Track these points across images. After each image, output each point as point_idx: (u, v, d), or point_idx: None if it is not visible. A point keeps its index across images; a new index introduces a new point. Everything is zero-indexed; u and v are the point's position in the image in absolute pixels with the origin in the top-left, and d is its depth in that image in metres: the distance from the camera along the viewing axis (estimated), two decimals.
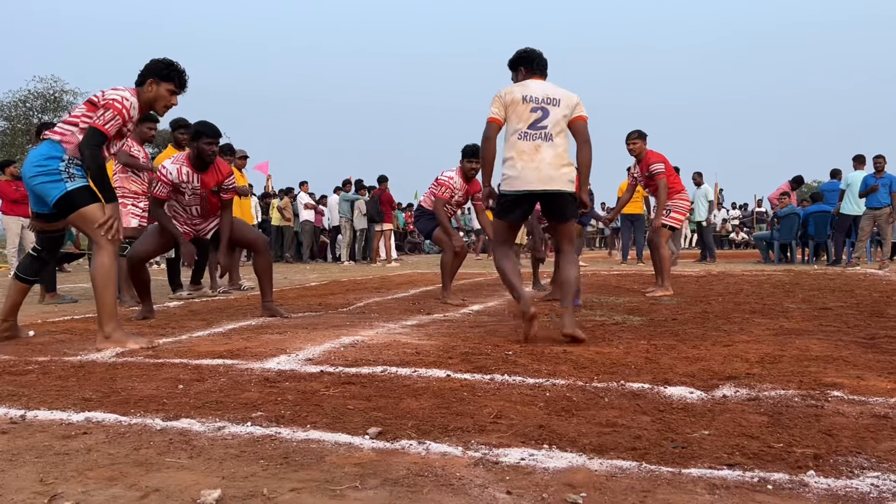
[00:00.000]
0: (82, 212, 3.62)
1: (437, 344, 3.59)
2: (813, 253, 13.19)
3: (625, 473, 1.70)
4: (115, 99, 3.67)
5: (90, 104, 3.71)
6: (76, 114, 3.72)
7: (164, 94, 3.86)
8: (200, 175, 5.00)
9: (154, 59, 3.90)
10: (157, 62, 3.88)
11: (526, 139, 3.60)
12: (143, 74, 3.85)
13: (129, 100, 3.70)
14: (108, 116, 3.63)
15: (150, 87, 3.83)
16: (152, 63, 3.88)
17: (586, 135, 3.74)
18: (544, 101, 3.66)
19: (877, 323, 4.28)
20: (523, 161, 3.58)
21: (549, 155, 3.58)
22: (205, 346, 3.62)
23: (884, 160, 10.94)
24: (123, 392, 2.60)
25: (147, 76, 3.84)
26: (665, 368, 2.93)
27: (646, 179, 6.58)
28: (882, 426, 2.06)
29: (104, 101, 3.66)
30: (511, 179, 3.61)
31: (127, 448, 1.94)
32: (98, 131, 3.60)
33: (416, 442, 1.95)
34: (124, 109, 3.67)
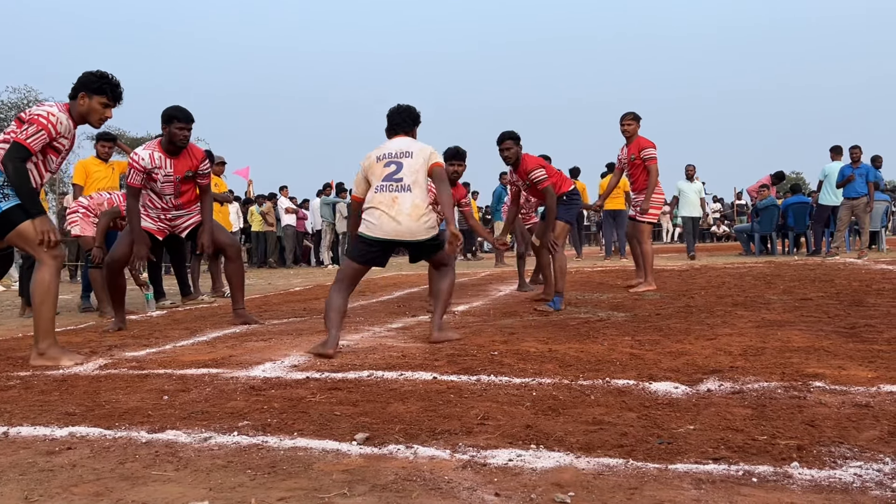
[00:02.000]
0: (19, 230, 3.58)
1: (422, 346, 3.59)
2: (793, 244, 13.34)
3: (612, 471, 1.71)
4: (40, 114, 3.62)
5: (18, 120, 3.66)
6: (7, 130, 3.66)
7: (97, 107, 3.79)
8: (172, 160, 4.92)
9: (86, 72, 3.82)
10: (89, 75, 3.81)
11: (382, 191, 3.74)
12: (76, 88, 3.78)
13: (55, 115, 3.63)
14: (32, 131, 3.57)
15: (83, 101, 3.77)
16: (84, 76, 3.81)
17: (442, 177, 3.87)
18: (398, 156, 3.82)
19: (857, 312, 4.33)
20: (380, 211, 3.70)
21: (407, 206, 3.69)
22: (189, 356, 3.59)
23: (859, 150, 11.08)
24: (107, 405, 2.58)
25: (79, 89, 3.77)
26: (650, 364, 2.95)
27: (631, 163, 6.59)
28: (864, 415, 2.09)
29: (29, 117, 3.62)
30: (371, 226, 3.71)
31: (112, 462, 1.92)
32: (20, 145, 3.55)
33: (404, 446, 1.95)
34: (49, 125, 3.60)
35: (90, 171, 6.76)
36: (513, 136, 5.49)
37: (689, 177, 12.70)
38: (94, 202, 6.17)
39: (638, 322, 4.26)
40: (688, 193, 12.55)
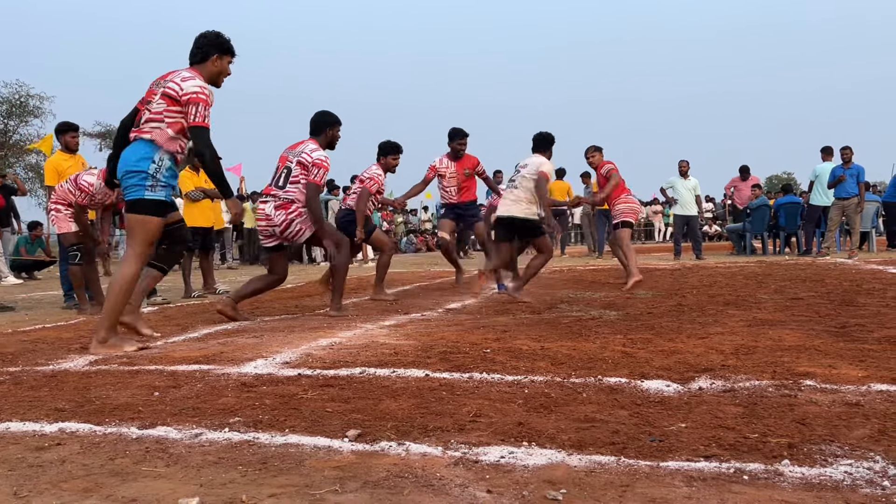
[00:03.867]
0: (145, 220, 3.70)
1: (415, 344, 3.59)
2: (784, 244, 13.40)
3: (604, 468, 1.71)
4: (197, 91, 3.69)
5: (170, 99, 3.69)
6: (157, 109, 3.70)
7: (226, 66, 3.96)
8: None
9: (210, 34, 3.92)
10: (214, 36, 3.92)
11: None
12: (205, 50, 3.88)
13: (206, 87, 3.77)
14: (202, 110, 3.70)
15: (217, 62, 3.90)
16: (211, 37, 3.90)
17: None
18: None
19: (847, 312, 4.35)
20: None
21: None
22: (180, 352, 3.58)
23: (850, 151, 11.14)
24: (98, 401, 2.57)
25: (210, 51, 3.88)
26: (642, 362, 2.96)
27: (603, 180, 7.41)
28: (854, 414, 2.10)
29: (188, 96, 3.68)
30: None
31: (102, 458, 1.91)
32: (206, 129, 3.72)
33: (396, 443, 1.95)
34: (208, 97, 3.74)
35: (61, 168, 6.50)
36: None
37: (683, 173, 12.08)
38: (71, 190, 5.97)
39: (630, 321, 4.27)
40: (681, 191, 12.17)
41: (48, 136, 13.19)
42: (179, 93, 3.69)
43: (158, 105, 3.70)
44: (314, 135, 5.10)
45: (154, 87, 3.80)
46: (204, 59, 3.88)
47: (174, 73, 3.80)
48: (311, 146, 5.00)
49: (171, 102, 3.70)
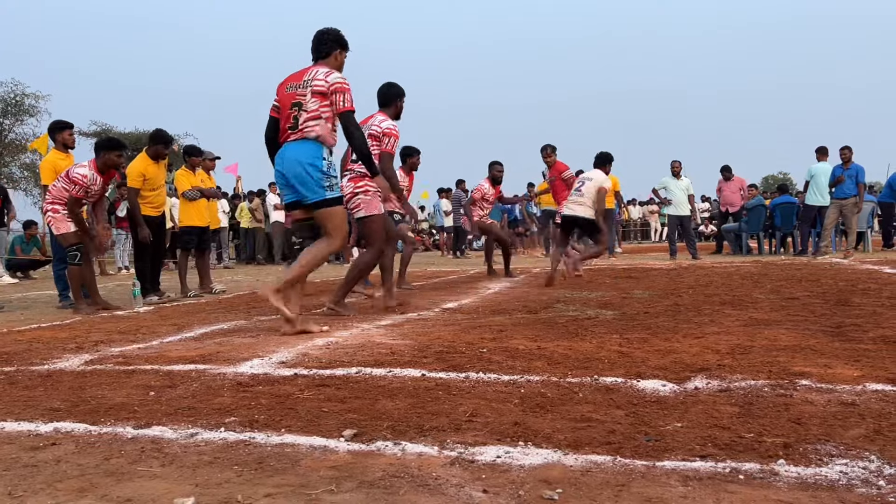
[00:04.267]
0: (334, 212, 4.11)
1: (411, 343, 3.59)
2: (780, 244, 13.43)
3: (600, 468, 1.71)
4: (341, 81, 4.08)
5: (321, 95, 4.04)
6: (314, 107, 4.02)
7: (343, 60, 4.28)
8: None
9: (331, 31, 4.26)
10: (336, 33, 4.24)
11: None
12: (329, 46, 4.21)
13: (345, 78, 4.11)
14: (349, 97, 4.06)
15: (338, 58, 4.25)
16: (334, 34, 4.25)
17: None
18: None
19: (843, 312, 4.36)
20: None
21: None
22: (176, 352, 3.57)
23: (850, 151, 11.16)
24: (93, 401, 2.56)
25: (334, 47, 4.22)
26: (638, 362, 2.96)
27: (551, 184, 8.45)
28: (849, 413, 2.10)
29: (334, 87, 4.05)
30: None
31: (97, 458, 1.91)
32: (354, 112, 4.12)
33: (392, 443, 1.95)
34: (349, 86, 4.11)
35: (59, 167, 6.48)
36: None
37: (675, 173, 12.18)
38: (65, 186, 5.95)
39: (626, 320, 4.27)
40: (674, 191, 12.13)
41: (44, 135, 13.14)
42: (326, 86, 4.04)
43: (313, 103, 4.03)
44: (383, 107, 5.26)
45: (292, 90, 4.11)
46: (328, 54, 4.22)
47: (311, 71, 4.12)
48: (379, 118, 5.16)
49: (322, 98, 4.04)
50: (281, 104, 4.16)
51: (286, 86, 4.16)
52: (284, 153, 4.08)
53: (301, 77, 4.11)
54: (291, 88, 4.12)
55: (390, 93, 5.26)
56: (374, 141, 5.04)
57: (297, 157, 4.02)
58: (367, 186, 5.04)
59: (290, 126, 4.06)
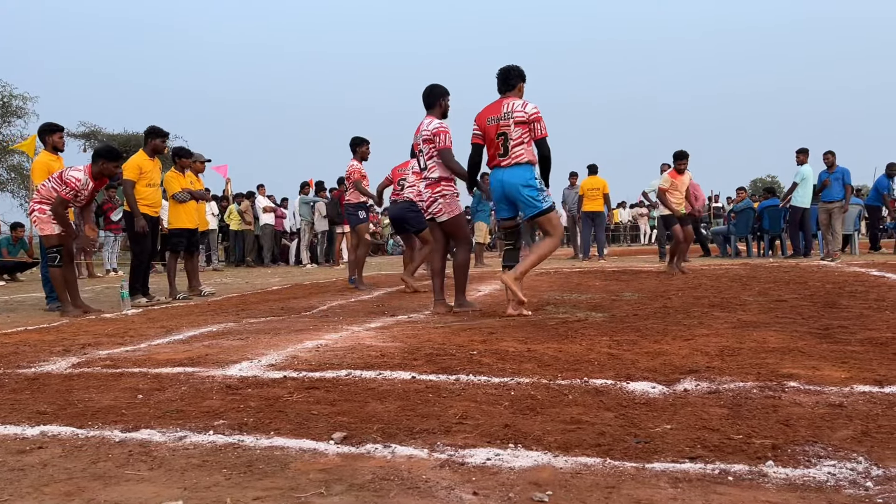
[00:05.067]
0: (546, 218, 4.91)
1: (401, 346, 3.58)
2: (768, 246, 13.51)
3: (590, 470, 1.71)
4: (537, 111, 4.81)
5: (523, 124, 4.75)
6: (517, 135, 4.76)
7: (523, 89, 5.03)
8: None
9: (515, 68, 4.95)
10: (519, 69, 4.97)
11: None
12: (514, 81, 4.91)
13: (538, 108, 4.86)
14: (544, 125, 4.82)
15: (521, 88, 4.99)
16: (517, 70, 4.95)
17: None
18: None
19: (830, 314, 4.39)
20: None
21: None
22: (164, 355, 3.55)
23: (833, 156, 11.26)
24: (80, 404, 2.54)
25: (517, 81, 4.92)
26: (627, 364, 2.97)
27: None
28: (837, 415, 2.11)
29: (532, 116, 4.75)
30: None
31: (84, 462, 1.89)
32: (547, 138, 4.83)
33: (382, 445, 1.94)
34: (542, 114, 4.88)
35: (52, 168, 6.45)
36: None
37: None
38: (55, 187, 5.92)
39: (616, 322, 4.28)
40: None
41: (31, 136, 13.04)
42: (526, 116, 4.74)
43: (516, 132, 4.76)
44: (429, 109, 5.38)
45: (494, 122, 4.83)
46: (513, 87, 4.91)
47: (506, 103, 4.81)
48: (426, 122, 5.28)
49: (523, 126, 4.75)
50: (485, 134, 4.91)
51: (487, 118, 4.89)
52: (503, 178, 4.86)
53: (499, 109, 4.83)
54: (493, 121, 4.85)
55: (434, 94, 5.38)
56: (428, 145, 5.19)
57: (515, 180, 4.80)
58: (443, 190, 5.22)
59: (500, 153, 4.82)
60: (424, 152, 5.23)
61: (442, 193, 5.21)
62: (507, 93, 4.94)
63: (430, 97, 5.38)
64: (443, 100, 5.37)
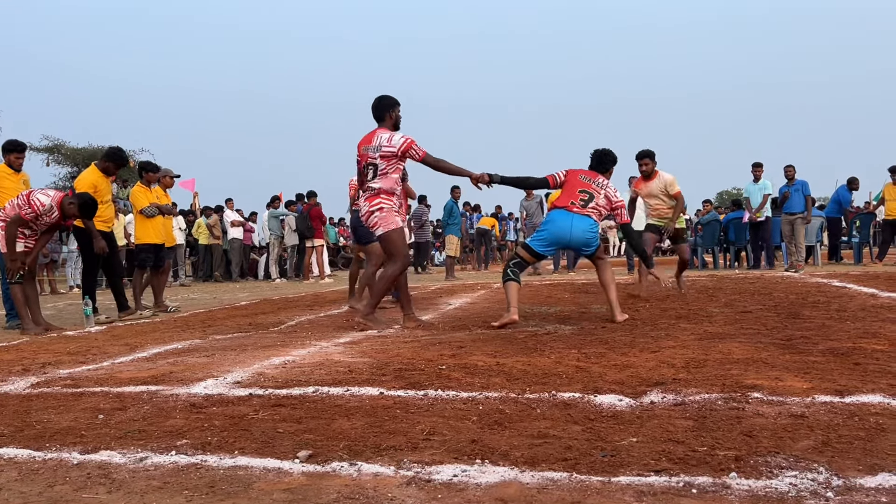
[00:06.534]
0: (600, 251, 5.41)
1: (370, 361, 3.56)
2: (734, 258, 13.73)
3: (556, 485, 1.71)
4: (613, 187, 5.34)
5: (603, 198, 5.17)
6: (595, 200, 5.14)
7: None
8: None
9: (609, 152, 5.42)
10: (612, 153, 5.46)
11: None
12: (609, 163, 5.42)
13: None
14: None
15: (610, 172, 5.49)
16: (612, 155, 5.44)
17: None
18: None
19: (793, 324, 4.46)
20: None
21: None
22: (127, 373, 3.48)
23: (793, 169, 11.51)
24: (38, 425, 2.48)
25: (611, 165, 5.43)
26: (595, 377, 2.98)
27: None
28: (799, 425, 2.14)
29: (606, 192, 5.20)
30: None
31: (41, 485, 1.84)
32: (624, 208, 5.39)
33: (348, 463, 1.92)
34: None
35: (4, 183, 6.41)
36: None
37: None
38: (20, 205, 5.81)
39: (584, 335, 4.30)
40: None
41: None
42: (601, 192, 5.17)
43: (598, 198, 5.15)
44: (379, 122, 5.16)
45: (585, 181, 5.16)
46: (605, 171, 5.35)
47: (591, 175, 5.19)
48: (384, 136, 5.04)
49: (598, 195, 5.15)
50: (573, 185, 5.18)
51: (578, 175, 5.21)
52: (573, 223, 5.07)
53: (590, 175, 5.22)
54: (584, 179, 5.18)
55: (382, 105, 5.16)
56: (387, 161, 4.99)
57: (586, 228, 5.08)
58: (381, 203, 5.04)
59: (581, 204, 5.10)
60: (380, 167, 5.00)
61: (379, 207, 5.02)
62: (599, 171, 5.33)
63: (379, 109, 5.16)
64: (392, 111, 5.16)
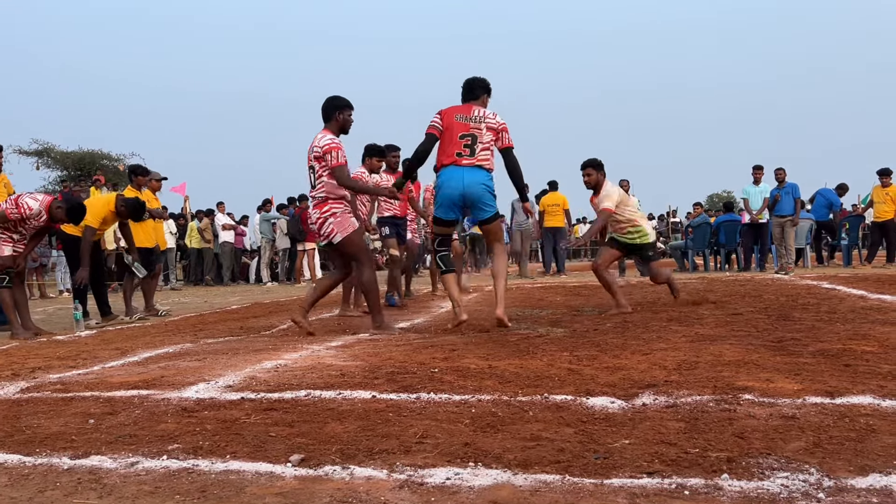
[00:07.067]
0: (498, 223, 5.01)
1: (362, 364, 3.55)
2: (724, 260, 13.80)
3: (549, 487, 1.71)
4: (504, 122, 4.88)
5: (492, 131, 4.78)
6: (487, 140, 4.74)
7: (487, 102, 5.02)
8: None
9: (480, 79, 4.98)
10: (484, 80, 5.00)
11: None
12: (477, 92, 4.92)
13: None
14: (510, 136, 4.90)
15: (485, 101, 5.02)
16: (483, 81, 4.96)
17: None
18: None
19: (784, 326, 4.49)
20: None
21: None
22: (118, 377, 3.46)
23: (784, 172, 11.60)
24: (28, 430, 2.46)
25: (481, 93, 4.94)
26: (587, 379, 2.99)
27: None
28: (790, 427, 2.15)
29: (502, 126, 4.81)
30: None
31: (31, 491, 1.83)
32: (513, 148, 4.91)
33: (340, 467, 1.92)
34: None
35: None
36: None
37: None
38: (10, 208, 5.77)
39: (576, 337, 4.31)
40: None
41: None
42: (497, 125, 4.79)
43: (487, 136, 4.74)
44: (326, 122, 5.05)
45: (463, 121, 4.73)
46: (478, 97, 4.90)
47: (476, 109, 4.80)
48: (318, 137, 4.96)
49: (494, 133, 4.77)
50: (450, 129, 4.74)
51: (455, 115, 4.76)
52: (464, 176, 4.69)
53: (470, 111, 4.78)
54: (461, 119, 4.74)
55: (330, 106, 5.01)
56: (320, 164, 4.89)
57: (481, 180, 4.72)
58: (332, 208, 4.95)
59: (468, 153, 4.72)
60: (316, 170, 4.93)
61: (332, 212, 4.92)
62: (471, 101, 4.92)
63: (326, 110, 5.01)
64: (340, 114, 4.98)
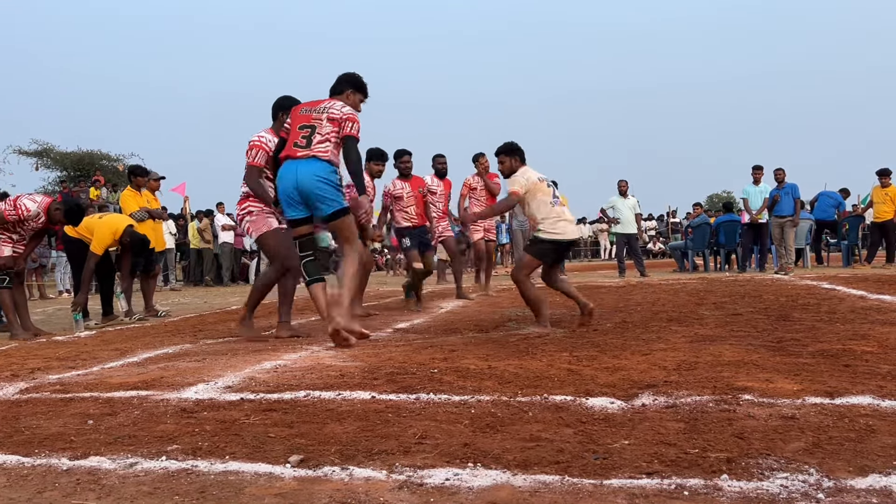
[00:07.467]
0: (348, 220, 4.41)
1: (361, 365, 3.55)
2: (724, 260, 13.80)
3: (548, 488, 1.71)
4: (352, 113, 4.41)
5: (334, 121, 4.34)
6: (326, 132, 4.33)
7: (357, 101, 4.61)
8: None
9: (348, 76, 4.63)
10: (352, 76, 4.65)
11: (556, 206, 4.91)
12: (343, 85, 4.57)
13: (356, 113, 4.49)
14: (358, 127, 4.38)
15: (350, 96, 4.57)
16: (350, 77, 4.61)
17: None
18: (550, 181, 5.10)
19: (783, 326, 4.49)
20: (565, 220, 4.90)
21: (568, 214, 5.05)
22: (117, 378, 3.46)
23: (783, 172, 11.61)
24: (27, 431, 2.46)
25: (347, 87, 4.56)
26: (587, 379, 2.98)
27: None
28: (790, 427, 2.15)
29: (345, 116, 4.35)
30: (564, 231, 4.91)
31: (29, 492, 1.83)
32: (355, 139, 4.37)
33: (340, 468, 1.91)
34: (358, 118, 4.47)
35: None
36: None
37: (622, 192, 12.31)
38: (8, 209, 5.78)
39: (576, 338, 4.31)
40: (621, 209, 12.22)
41: None
42: (340, 115, 4.36)
43: (326, 127, 4.34)
44: (273, 121, 4.98)
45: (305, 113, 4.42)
46: (341, 92, 4.58)
47: (328, 101, 4.47)
48: (256, 133, 4.87)
49: (334, 125, 4.35)
50: (294, 122, 4.44)
51: (301, 108, 4.50)
52: (298, 168, 4.30)
53: (318, 104, 4.47)
54: (306, 111, 4.45)
55: (275, 105, 4.94)
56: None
57: (315, 171, 4.29)
58: (249, 206, 4.85)
59: (303, 144, 4.34)
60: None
61: (248, 210, 4.85)
62: (335, 95, 4.59)
63: (273, 109, 4.96)
64: (284, 114, 4.77)
